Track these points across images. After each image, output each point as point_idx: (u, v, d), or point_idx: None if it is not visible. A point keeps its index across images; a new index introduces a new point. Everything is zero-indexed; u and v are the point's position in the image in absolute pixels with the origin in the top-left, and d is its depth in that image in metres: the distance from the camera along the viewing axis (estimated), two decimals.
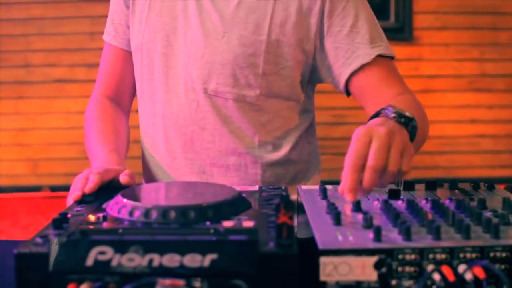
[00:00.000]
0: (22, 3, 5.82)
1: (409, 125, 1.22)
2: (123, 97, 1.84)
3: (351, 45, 1.60)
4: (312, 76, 1.70)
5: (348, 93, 1.68)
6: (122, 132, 1.74)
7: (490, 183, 1.33)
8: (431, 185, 1.33)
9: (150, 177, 1.79)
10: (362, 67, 1.60)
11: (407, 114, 1.22)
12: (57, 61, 5.85)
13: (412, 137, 1.22)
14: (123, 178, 1.34)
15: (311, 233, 1.01)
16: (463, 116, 5.95)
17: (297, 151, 1.73)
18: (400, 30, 5.84)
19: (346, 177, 1.07)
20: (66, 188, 4.76)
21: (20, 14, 5.83)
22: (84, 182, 1.29)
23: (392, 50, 1.65)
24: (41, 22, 5.83)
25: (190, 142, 1.67)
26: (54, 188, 5.89)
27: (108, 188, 1.33)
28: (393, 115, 1.21)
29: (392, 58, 1.67)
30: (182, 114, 1.66)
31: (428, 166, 5.85)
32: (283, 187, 1.34)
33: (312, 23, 1.61)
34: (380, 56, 1.61)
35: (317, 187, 1.32)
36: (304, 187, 1.35)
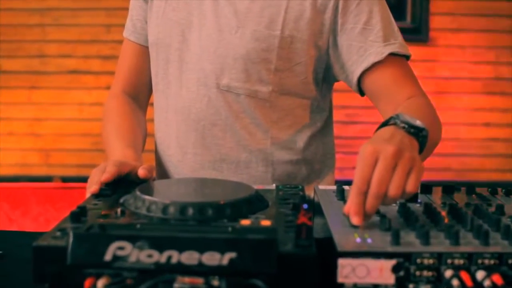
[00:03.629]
0: None
1: (419, 135, 1.19)
2: (141, 93, 1.84)
3: (364, 42, 1.58)
4: (327, 74, 1.69)
5: (362, 92, 1.67)
6: (139, 128, 1.74)
7: (508, 189, 1.33)
8: (448, 189, 1.33)
9: (161, 171, 1.79)
10: (374, 66, 1.58)
11: (417, 123, 1.19)
12: (72, 52, 5.87)
13: (422, 147, 1.20)
14: (141, 172, 1.34)
15: (328, 233, 1.01)
16: (477, 119, 5.93)
17: (310, 151, 1.72)
18: (416, 31, 5.83)
19: (351, 200, 1.06)
20: (78, 179, 4.83)
21: (37, 4, 5.85)
22: (101, 175, 1.29)
23: (407, 48, 1.63)
24: (57, 13, 5.84)
25: (201, 138, 1.66)
26: (65, 179, 5.91)
27: (125, 182, 1.33)
28: (403, 125, 1.19)
29: (407, 57, 1.65)
30: (194, 109, 1.65)
31: (440, 168, 5.84)
32: (300, 187, 1.33)
33: (326, 19, 1.59)
34: (393, 54, 1.60)
35: (334, 187, 1.31)
36: (321, 187, 1.35)
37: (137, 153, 1.56)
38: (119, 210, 1.09)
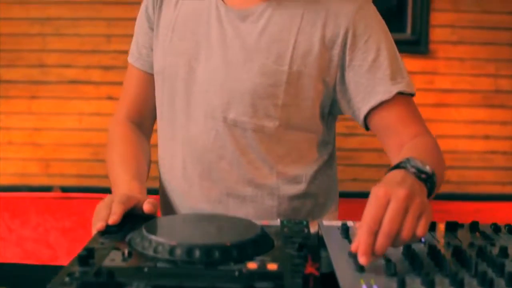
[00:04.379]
0: (40, 2, 5.83)
1: (429, 181, 1.21)
2: (145, 120, 1.85)
3: (372, 80, 1.59)
4: (333, 108, 1.69)
5: (367, 127, 1.67)
6: (144, 157, 1.74)
7: (510, 226, 1.33)
8: (452, 226, 1.34)
9: (165, 200, 1.79)
10: (381, 104, 1.60)
11: (427, 169, 1.22)
12: (72, 62, 5.86)
13: (430, 192, 1.22)
14: (146, 207, 1.35)
15: (331, 268, 1.01)
16: (476, 132, 5.93)
17: (315, 184, 1.73)
18: (416, 43, 5.83)
19: (360, 239, 1.07)
20: (77, 189, 4.82)
21: (37, 13, 5.84)
22: (107, 212, 1.30)
23: (413, 86, 1.65)
24: (58, 23, 5.84)
25: (208, 171, 1.67)
26: (65, 189, 5.90)
27: (131, 217, 1.33)
28: (413, 170, 1.21)
29: (412, 95, 1.66)
30: (201, 141, 1.66)
31: None
32: (304, 222, 1.34)
33: (334, 55, 1.60)
34: (400, 93, 1.61)
35: (339, 223, 1.32)
36: (325, 222, 1.36)
37: (142, 184, 1.57)
38: (126, 251, 1.09)
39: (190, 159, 1.68)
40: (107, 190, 1.77)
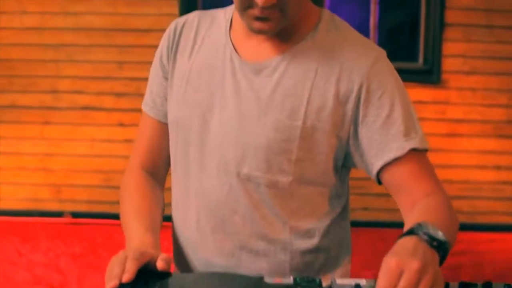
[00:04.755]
0: (53, 29, 5.86)
1: (441, 248, 1.21)
2: (159, 169, 1.85)
3: (385, 136, 1.59)
4: (346, 161, 1.69)
5: (379, 181, 1.67)
6: (158, 208, 1.74)
7: None
8: (465, 286, 1.33)
9: (179, 251, 1.79)
10: (394, 160, 1.59)
11: (439, 236, 1.22)
12: (85, 88, 5.89)
13: (442, 260, 1.22)
14: (160, 264, 1.35)
15: None
16: (488, 162, 5.92)
17: (328, 238, 1.72)
18: (428, 73, 5.83)
19: None
20: (88, 215, 4.84)
21: (51, 40, 5.88)
22: (120, 269, 1.30)
23: (427, 141, 1.64)
24: (71, 49, 5.87)
25: (221, 224, 1.67)
26: (76, 215, 5.91)
27: (144, 273, 1.33)
28: (425, 237, 1.21)
29: (426, 150, 1.65)
30: (214, 195, 1.65)
31: None
32: (318, 280, 1.33)
33: (348, 110, 1.60)
34: (413, 149, 1.60)
35: (352, 282, 1.32)
36: (338, 281, 1.35)
37: (156, 237, 1.57)
38: None
39: (203, 211, 1.68)
40: (118, 217, 1.77)
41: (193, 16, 1.81)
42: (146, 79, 1.88)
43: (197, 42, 1.75)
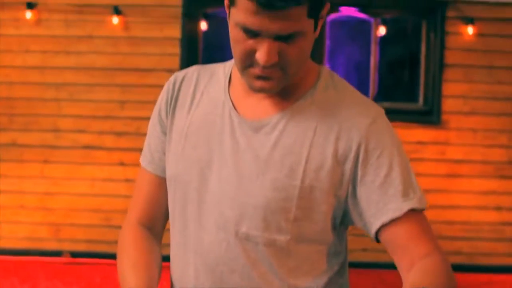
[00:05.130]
0: (55, 68, 5.90)
1: None
2: (157, 223, 1.84)
3: (383, 196, 1.58)
4: (344, 219, 1.68)
5: (378, 240, 1.66)
6: (155, 265, 1.73)
7: None
8: None
9: None
10: (392, 221, 1.59)
11: None
12: (86, 127, 5.91)
13: None
14: None
15: None
16: (488, 203, 5.91)
17: None
18: (428, 113, 5.85)
19: None
20: (87, 255, 4.84)
21: (53, 79, 5.92)
22: None
23: (425, 201, 1.63)
24: (73, 88, 5.91)
25: (220, 282, 1.65)
26: (75, 254, 5.89)
27: None
28: None
29: (423, 209, 1.65)
30: (213, 252, 1.64)
31: (451, 251, 5.80)
32: None
33: (346, 169, 1.59)
34: (411, 209, 1.60)
35: None
36: None
37: None
38: None
39: (202, 268, 1.67)
40: (116, 257, 1.76)
41: (193, 71, 1.81)
42: (147, 118, 1.88)
43: (196, 97, 1.75)
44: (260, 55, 1.50)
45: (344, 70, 6.40)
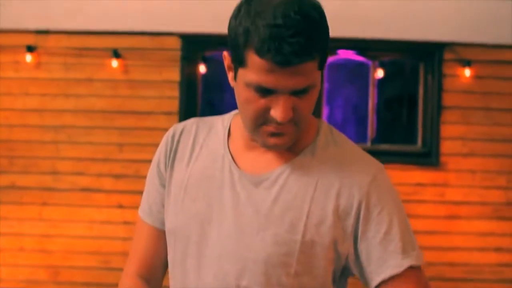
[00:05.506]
0: (54, 110, 5.93)
1: None
2: (155, 275, 1.83)
3: (383, 253, 1.59)
4: (344, 272, 1.69)
5: None
6: None
7: None
8: None
9: None
10: (392, 277, 1.60)
11: None
12: (85, 169, 5.92)
13: None
14: None
15: None
16: (488, 244, 5.90)
17: None
18: (427, 155, 5.86)
19: None
20: None
21: (51, 121, 5.94)
22: None
23: (422, 257, 1.64)
24: (71, 131, 5.92)
25: None
26: None
27: None
28: None
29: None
30: None
31: None
32: None
33: (347, 225, 1.60)
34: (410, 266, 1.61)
35: None
36: None
37: None
38: None
39: None
40: None
41: (191, 123, 1.82)
42: (146, 161, 1.89)
43: (195, 150, 1.76)
44: (277, 112, 1.51)
45: (343, 112, 6.43)
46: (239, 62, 1.51)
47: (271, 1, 1.47)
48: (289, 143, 1.60)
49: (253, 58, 1.47)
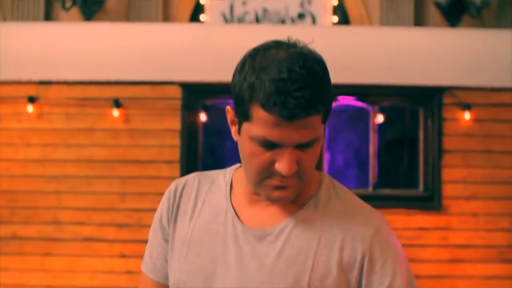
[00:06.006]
0: (56, 160, 5.94)
1: None
2: None
3: None
4: None
5: None
6: None
7: None
8: None
9: None
10: None
11: None
12: (87, 219, 5.91)
13: None
14: None
15: None
16: (492, 287, 5.87)
17: None
18: (429, 199, 5.86)
19: None
20: None
21: (53, 171, 5.94)
22: None
23: None
24: (73, 181, 5.93)
25: None
26: None
27: None
28: None
29: None
30: None
31: None
32: None
33: (351, 277, 1.60)
34: None
35: None
36: None
37: None
38: None
39: None
40: None
41: (193, 178, 1.82)
42: (148, 210, 1.89)
43: (198, 204, 1.76)
44: (282, 166, 1.52)
45: (344, 157, 6.43)
46: (244, 116, 1.52)
47: (275, 56, 1.49)
48: (293, 196, 1.61)
49: (258, 112, 1.48)
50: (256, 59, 1.51)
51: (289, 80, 1.44)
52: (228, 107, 1.61)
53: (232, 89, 1.56)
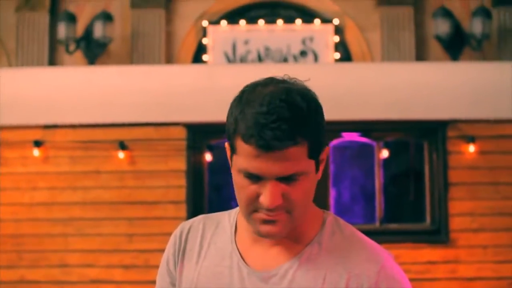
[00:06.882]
0: (63, 203, 5.95)
1: None
2: None
3: None
4: None
5: None
6: None
7: None
8: None
9: None
10: None
11: None
12: (94, 261, 5.90)
13: None
14: None
15: None
16: None
17: None
18: (436, 233, 5.84)
19: None
20: None
21: (60, 214, 5.95)
22: None
23: None
24: (80, 223, 5.94)
25: None
26: None
27: None
28: None
29: None
30: None
31: None
32: None
33: None
34: None
35: None
36: None
37: None
38: None
39: None
40: None
41: (198, 221, 1.83)
42: (155, 250, 1.89)
43: (203, 247, 1.76)
44: (264, 198, 1.54)
45: (350, 193, 6.43)
46: (232, 149, 1.56)
47: (262, 91, 1.52)
48: (283, 232, 1.61)
49: (240, 145, 1.52)
50: (244, 95, 1.54)
51: (267, 113, 1.47)
52: (226, 143, 1.64)
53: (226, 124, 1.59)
